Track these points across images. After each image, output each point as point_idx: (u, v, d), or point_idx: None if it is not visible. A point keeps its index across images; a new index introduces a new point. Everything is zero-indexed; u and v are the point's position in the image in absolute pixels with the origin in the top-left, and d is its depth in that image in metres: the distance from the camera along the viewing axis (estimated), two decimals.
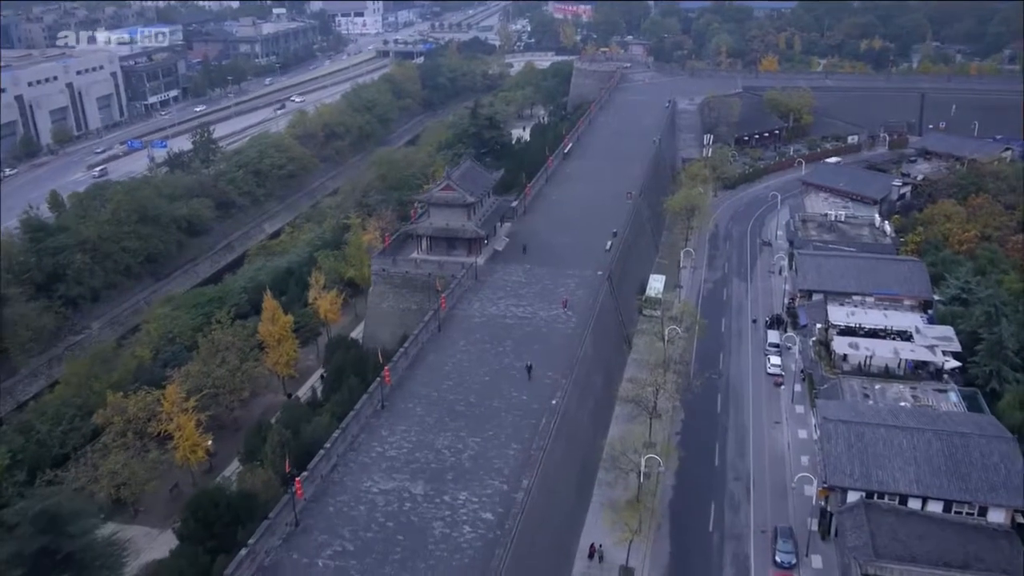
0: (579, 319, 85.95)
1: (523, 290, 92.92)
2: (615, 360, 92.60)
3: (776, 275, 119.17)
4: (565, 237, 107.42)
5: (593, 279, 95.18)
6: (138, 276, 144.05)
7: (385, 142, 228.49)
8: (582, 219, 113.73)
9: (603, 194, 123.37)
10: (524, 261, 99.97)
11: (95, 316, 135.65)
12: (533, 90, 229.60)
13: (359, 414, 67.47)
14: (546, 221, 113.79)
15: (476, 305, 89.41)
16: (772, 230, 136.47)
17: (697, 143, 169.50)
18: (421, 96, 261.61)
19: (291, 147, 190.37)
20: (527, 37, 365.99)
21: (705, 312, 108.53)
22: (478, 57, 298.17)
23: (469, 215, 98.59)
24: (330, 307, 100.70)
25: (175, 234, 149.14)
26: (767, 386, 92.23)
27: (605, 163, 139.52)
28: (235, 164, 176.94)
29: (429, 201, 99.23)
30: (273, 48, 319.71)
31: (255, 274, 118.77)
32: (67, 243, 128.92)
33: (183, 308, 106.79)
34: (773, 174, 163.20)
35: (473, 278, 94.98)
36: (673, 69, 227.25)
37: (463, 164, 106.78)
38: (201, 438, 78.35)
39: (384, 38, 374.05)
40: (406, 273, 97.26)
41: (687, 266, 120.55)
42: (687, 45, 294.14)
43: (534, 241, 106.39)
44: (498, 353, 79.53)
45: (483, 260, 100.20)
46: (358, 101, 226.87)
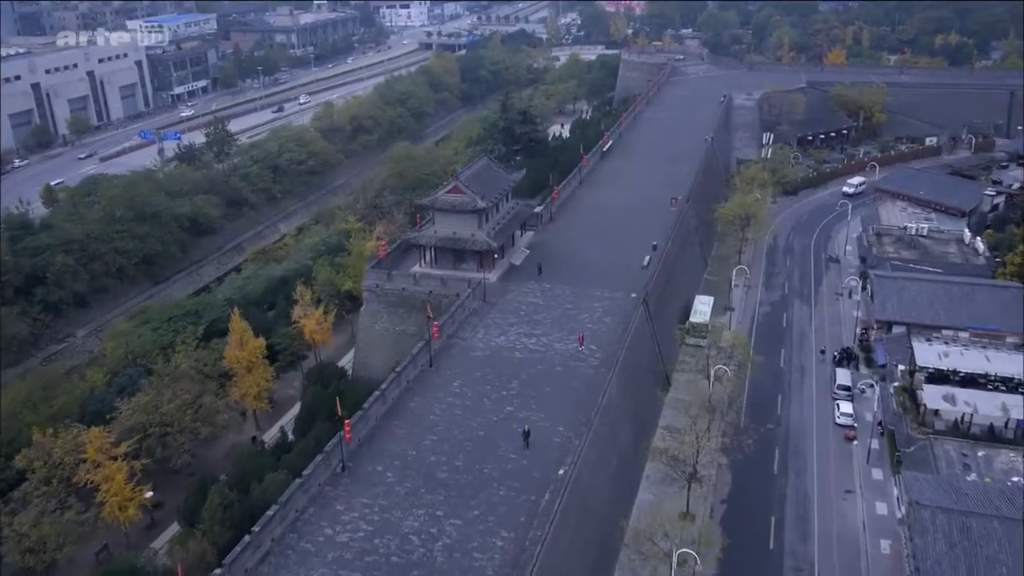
0: (604, 354, 69.94)
1: (539, 315, 77.16)
2: (648, 404, 76.28)
3: (846, 298, 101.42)
4: (595, 250, 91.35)
5: (625, 303, 79.04)
6: (132, 279, 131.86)
7: (419, 137, 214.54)
8: (617, 229, 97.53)
9: (644, 199, 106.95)
10: (544, 279, 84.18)
11: (81, 323, 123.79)
12: (576, 83, 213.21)
13: (308, 481, 52.51)
14: (575, 230, 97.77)
15: (480, 333, 73.92)
16: (840, 244, 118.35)
17: (754, 142, 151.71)
18: (460, 90, 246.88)
19: (313, 141, 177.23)
20: (576, 30, 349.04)
21: (760, 342, 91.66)
22: (523, 50, 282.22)
23: (480, 223, 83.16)
24: (317, 327, 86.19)
25: (176, 233, 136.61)
26: (836, 441, 75.03)
27: (649, 163, 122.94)
28: (251, 159, 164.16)
29: (433, 206, 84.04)
30: (310, 39, 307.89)
31: (243, 284, 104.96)
32: (48, 242, 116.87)
33: (154, 322, 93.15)
34: (841, 178, 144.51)
35: (480, 299, 79.52)
36: (730, 62, 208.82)
37: (476, 162, 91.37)
38: (135, 491, 64.27)
39: (428, 30, 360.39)
40: (403, 290, 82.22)
41: (740, 285, 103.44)
42: (746, 39, 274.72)
43: (559, 254, 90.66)
44: (499, 399, 63.96)
45: (495, 276, 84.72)
46: (391, 94, 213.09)
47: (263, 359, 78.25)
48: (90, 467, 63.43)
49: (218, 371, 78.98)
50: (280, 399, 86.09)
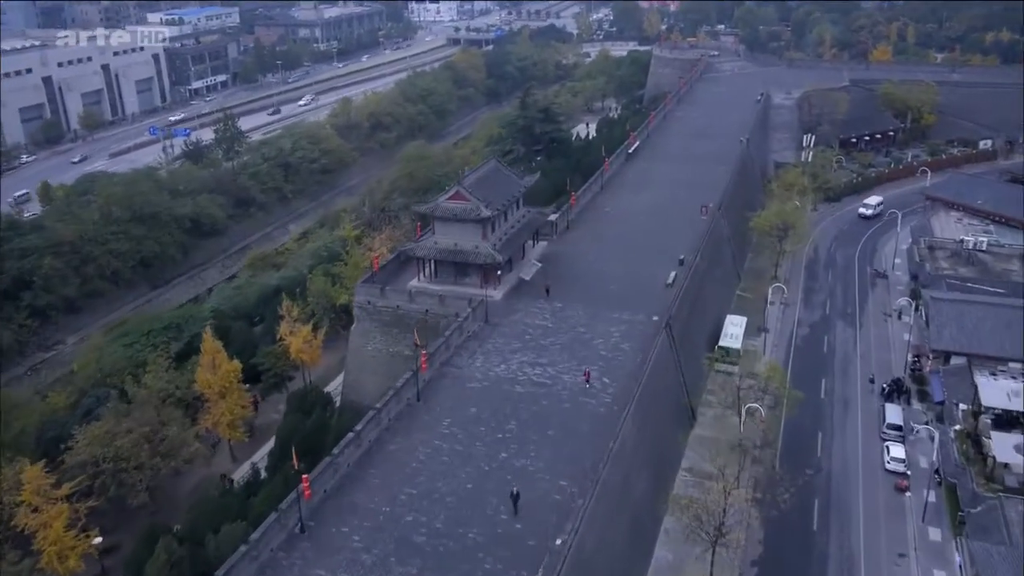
0: (619, 389, 60.82)
1: (547, 340, 68.16)
2: (669, 443, 66.96)
3: (895, 320, 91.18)
4: (615, 264, 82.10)
5: (646, 327, 69.78)
6: (129, 283, 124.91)
7: (440, 136, 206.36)
8: (640, 240, 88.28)
9: (671, 207, 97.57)
10: (554, 298, 75.12)
11: (72, 329, 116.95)
12: (605, 80, 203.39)
13: (257, 547, 44.08)
14: (593, 241, 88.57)
15: (479, 361, 65.09)
16: (888, 257, 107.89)
17: (793, 144, 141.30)
18: (485, 86, 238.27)
19: (328, 139, 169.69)
20: (608, 26, 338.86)
21: (798, 369, 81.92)
22: (551, 45, 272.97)
23: (485, 233, 74.32)
24: (305, 345, 77.93)
25: (176, 235, 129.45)
26: (886, 491, 65.21)
27: (678, 167, 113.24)
28: (261, 157, 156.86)
29: (433, 214, 75.38)
30: (334, 33, 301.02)
31: (233, 294, 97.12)
32: (36, 244, 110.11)
33: (131, 336, 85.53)
34: (887, 184, 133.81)
35: (482, 320, 70.69)
36: (767, 59, 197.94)
37: (484, 165, 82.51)
38: (79, 539, 56.41)
39: (457, 25, 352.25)
40: (397, 308, 73.65)
41: (776, 302, 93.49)
42: (785, 35, 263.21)
43: (573, 269, 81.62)
44: (494, 443, 55.11)
45: (500, 293, 75.84)
46: (412, 90, 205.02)
47: (238, 383, 69.99)
48: (26, 510, 55.63)
49: (192, 394, 71.05)
50: (262, 425, 78.12)
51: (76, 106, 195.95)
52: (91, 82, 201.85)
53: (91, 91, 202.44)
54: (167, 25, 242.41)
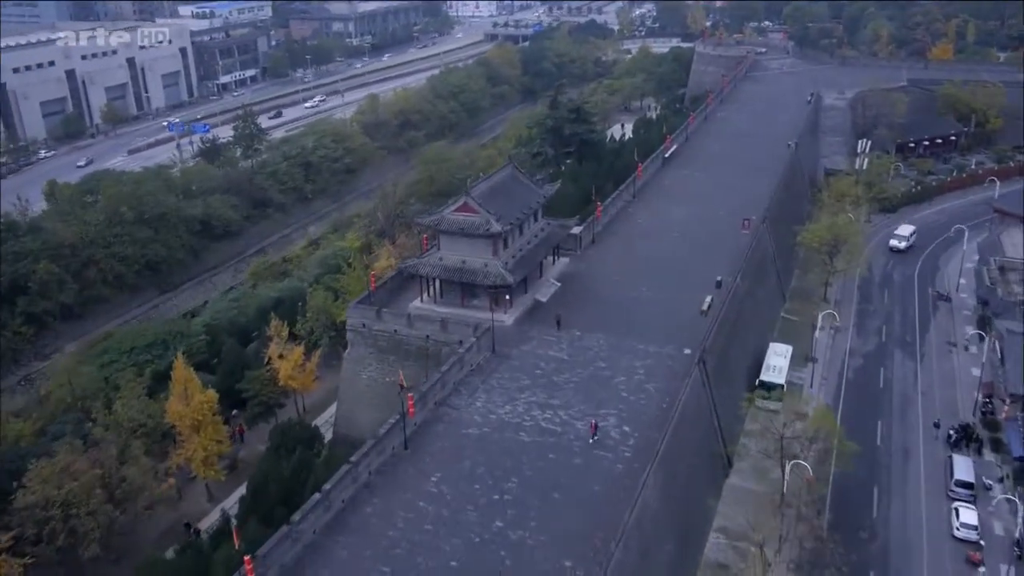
0: (641, 440, 51.99)
1: (561, 376, 59.46)
2: (699, 501, 57.90)
3: (961, 351, 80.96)
4: (643, 286, 73.02)
5: (676, 362, 60.79)
6: (134, 288, 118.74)
7: (472, 134, 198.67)
8: (673, 258, 79.10)
9: (709, 219, 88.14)
10: (573, 324, 66.36)
11: (72, 336, 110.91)
12: (644, 78, 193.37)
13: None
14: (620, 259, 79.48)
15: (480, 401, 56.61)
16: (952, 276, 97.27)
17: (846, 149, 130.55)
18: (521, 83, 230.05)
19: (352, 137, 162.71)
20: (651, 22, 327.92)
21: (851, 408, 72.22)
22: (591, 41, 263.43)
23: (495, 250, 65.82)
24: (294, 371, 70.15)
25: (185, 238, 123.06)
26: (955, 563, 55.52)
27: (718, 174, 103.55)
28: (282, 155, 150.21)
29: (438, 227, 67.06)
30: (369, 28, 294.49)
31: (228, 307, 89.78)
32: (31, 247, 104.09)
33: (111, 353, 78.50)
34: (949, 194, 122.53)
35: (488, 350, 62.20)
36: (818, 56, 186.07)
37: (498, 172, 73.85)
38: None
39: (495, 21, 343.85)
40: (394, 332, 65.50)
41: (826, 327, 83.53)
42: (837, 32, 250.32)
43: (595, 291, 72.80)
44: (489, 506, 46.60)
45: (512, 318, 67.28)
46: (443, 87, 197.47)
47: (213, 416, 62.33)
48: None
49: (167, 425, 63.67)
50: (248, 458, 70.50)
51: (99, 100, 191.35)
52: (115, 76, 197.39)
53: (115, 85, 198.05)
54: (197, 18, 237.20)
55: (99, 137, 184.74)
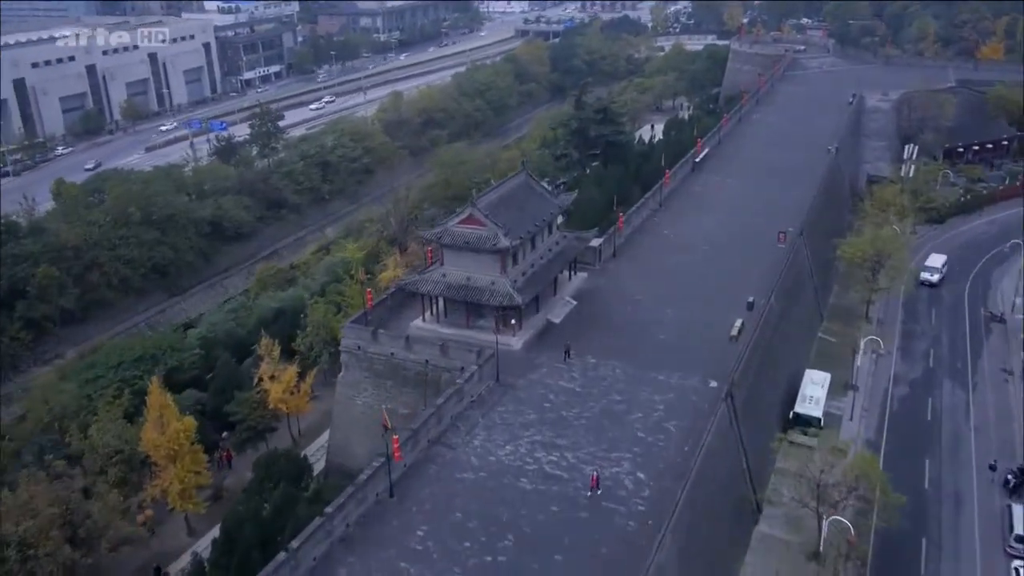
0: (657, 490, 45.85)
1: (571, 410, 53.44)
2: (724, 557, 51.56)
3: (1018, 380, 73.58)
4: (668, 307, 66.67)
5: (700, 396, 54.53)
6: (141, 291, 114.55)
7: (498, 133, 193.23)
8: (701, 274, 72.60)
9: (742, 231, 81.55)
10: (588, 350, 60.27)
11: (75, 341, 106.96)
12: (677, 77, 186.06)
13: None
14: (643, 275, 73.12)
15: (478, 439, 50.75)
16: (1006, 295, 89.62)
17: (890, 155, 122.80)
18: (550, 80, 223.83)
19: (373, 136, 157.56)
20: (686, 18, 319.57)
21: (895, 445, 65.43)
22: (623, 38, 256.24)
23: (503, 266, 59.95)
24: (285, 393, 64.84)
25: (194, 240, 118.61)
26: None
27: (753, 180, 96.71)
28: (300, 154, 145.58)
29: (440, 240, 61.29)
30: (397, 23, 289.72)
31: (225, 318, 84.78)
32: (31, 250, 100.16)
33: (98, 368, 73.74)
34: (1002, 204, 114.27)
35: (492, 378, 56.35)
36: (860, 55, 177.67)
37: (509, 179, 67.69)
38: None
39: (526, 16, 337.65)
40: (391, 355, 59.87)
41: (867, 350, 76.50)
42: (879, 30, 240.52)
43: (613, 312, 66.61)
44: (479, 569, 40.73)
45: (521, 341, 61.38)
46: (469, 84, 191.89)
47: (191, 445, 57.13)
48: None
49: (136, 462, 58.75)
50: (233, 486, 65.31)
51: (120, 96, 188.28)
52: (136, 71, 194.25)
53: (136, 80, 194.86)
54: (223, 13, 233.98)
55: (118, 134, 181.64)
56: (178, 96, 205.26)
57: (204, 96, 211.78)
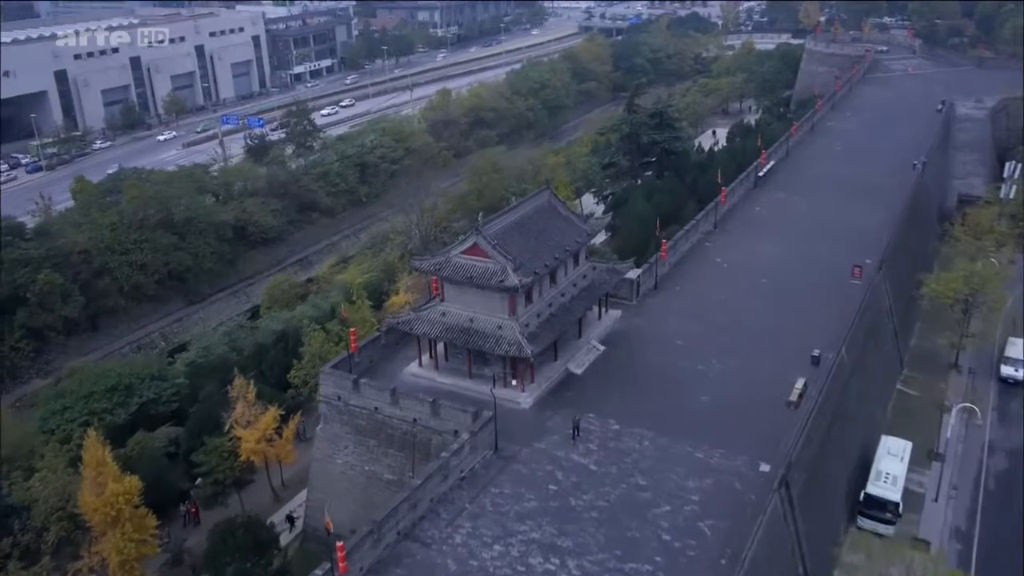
0: None
1: (581, 496, 42.87)
2: None
3: None
4: (714, 357, 55.42)
5: (747, 483, 43.43)
6: (156, 299, 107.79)
7: (553, 135, 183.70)
8: (758, 315, 61.01)
9: (809, 261, 69.70)
10: (608, 411, 49.62)
11: (82, 351, 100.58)
12: (745, 78, 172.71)
13: None
14: (687, 315, 61.82)
15: (463, 532, 40.55)
16: None
17: (985, 170, 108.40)
18: (611, 80, 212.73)
19: (416, 136, 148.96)
20: (758, 15, 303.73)
21: (990, 536, 53.12)
22: (691, 36, 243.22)
23: (513, 307, 49.68)
24: (261, 442, 55.64)
25: (215, 245, 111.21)
26: None
27: (823, 199, 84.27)
28: (338, 154, 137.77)
29: (439, 273, 51.31)
30: (456, 18, 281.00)
31: (219, 341, 76.15)
32: (34, 254, 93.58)
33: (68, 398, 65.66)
34: None
35: (489, 448, 46.14)
36: (951, 57, 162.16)
37: (529, 200, 57.06)
38: None
39: (590, 12, 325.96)
40: (375, 411, 50.16)
41: (956, 410, 63.88)
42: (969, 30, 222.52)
43: (649, 362, 55.63)
44: None
45: (532, 398, 51.02)
46: (523, 83, 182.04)
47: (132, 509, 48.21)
48: None
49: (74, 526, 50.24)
50: (196, 547, 56.35)
51: (165, 89, 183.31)
52: (182, 64, 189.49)
53: (182, 74, 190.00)
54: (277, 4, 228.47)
55: (159, 128, 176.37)
56: (225, 90, 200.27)
57: (251, 91, 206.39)
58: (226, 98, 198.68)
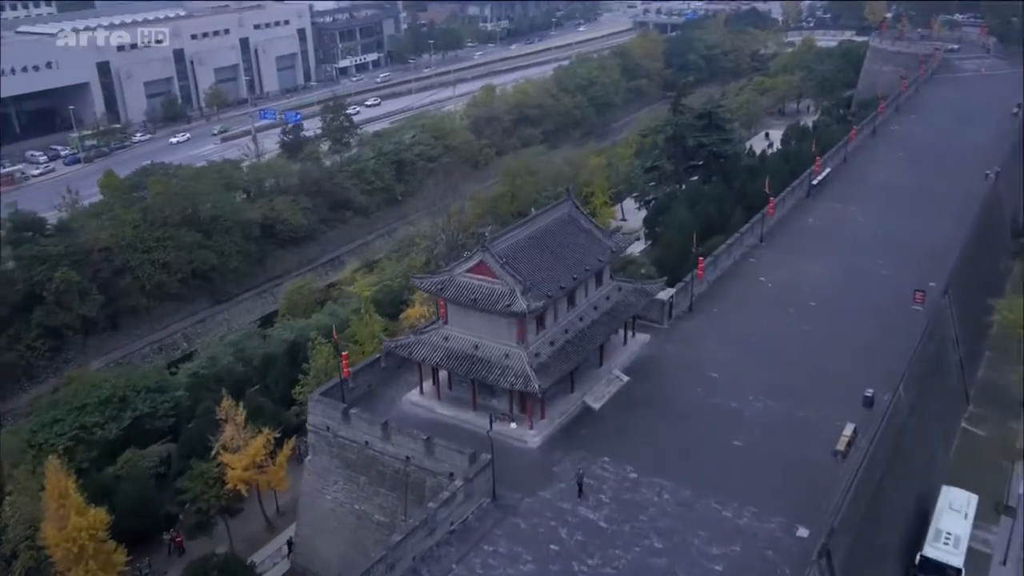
0: None
1: (586, 562, 37.10)
2: None
3: None
4: (751, 393, 49.08)
5: (783, 549, 37.32)
6: (180, 298, 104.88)
7: (601, 133, 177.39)
8: (804, 345, 54.45)
9: (865, 283, 62.70)
10: (625, 455, 43.83)
11: (103, 350, 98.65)
12: (803, 76, 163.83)
13: None
14: (722, 342, 55.39)
15: None
16: None
17: None
18: (663, 77, 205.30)
19: (457, 133, 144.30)
20: (821, 12, 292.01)
21: None
22: (749, 32, 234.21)
23: (521, 334, 44.18)
24: (250, 470, 51.01)
25: (241, 243, 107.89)
26: None
27: (883, 212, 76.82)
28: (376, 150, 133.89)
29: (441, 294, 46.05)
30: (507, 12, 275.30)
31: (224, 351, 71.93)
32: (52, 251, 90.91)
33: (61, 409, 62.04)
34: None
35: (487, 495, 40.72)
36: None
37: (545, 213, 51.27)
38: None
39: (646, 7, 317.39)
40: (365, 445, 45.12)
41: None
42: None
43: (676, 397, 49.49)
44: None
45: (540, 436, 45.45)
46: (570, 79, 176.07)
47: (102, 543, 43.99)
48: None
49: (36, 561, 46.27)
50: None
51: (208, 82, 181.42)
52: (226, 57, 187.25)
53: (226, 67, 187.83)
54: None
55: (200, 121, 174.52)
56: (269, 84, 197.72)
57: (296, 84, 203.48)
58: (269, 91, 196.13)
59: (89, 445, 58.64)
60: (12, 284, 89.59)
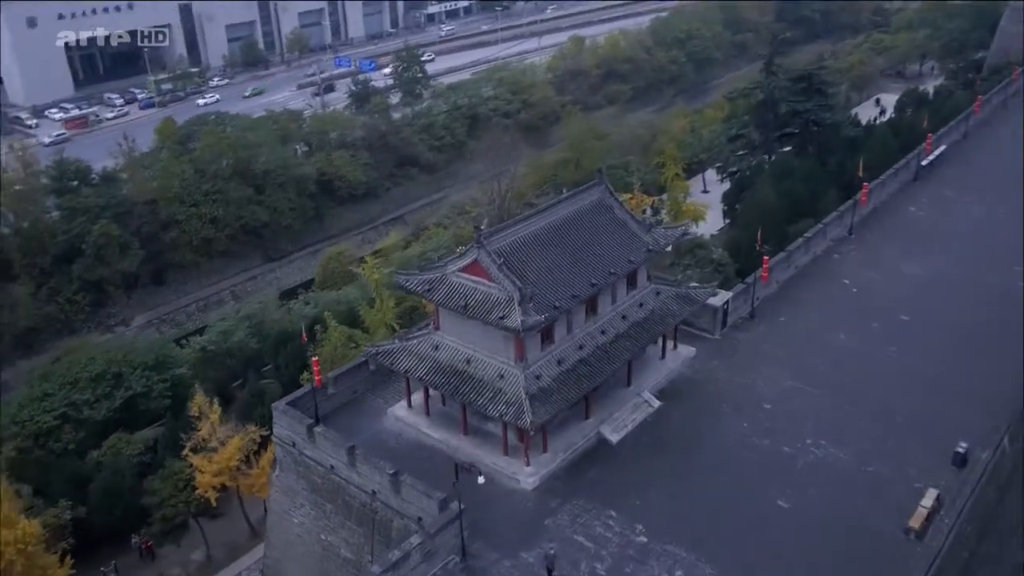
0: None
1: None
2: None
3: None
4: (808, 437, 39.56)
5: None
6: (229, 254, 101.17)
7: (699, 91, 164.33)
8: (884, 373, 44.12)
9: (975, 294, 51.42)
10: (636, 512, 35.40)
11: (148, 306, 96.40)
12: (928, 35, 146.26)
13: None
14: (783, 361, 45.38)
15: None
16: None
17: None
18: (771, 31, 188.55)
19: (537, 88, 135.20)
20: None
21: None
22: None
23: (520, 350, 36.02)
24: (222, 475, 45.02)
25: (295, 200, 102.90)
26: None
27: (1005, 203, 63.81)
28: (449, 104, 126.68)
29: (431, 298, 38.22)
30: None
31: (236, 325, 65.98)
32: (91, 203, 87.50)
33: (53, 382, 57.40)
34: None
35: (456, 553, 33.07)
36: None
37: (572, 197, 42.21)
38: None
39: None
40: (331, 469, 38.16)
41: None
42: None
43: (716, 434, 40.39)
44: None
45: (538, 474, 37.33)
46: (667, 32, 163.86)
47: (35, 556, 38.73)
48: None
49: None
50: None
51: (292, 26, 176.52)
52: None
53: (311, 11, 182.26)
54: None
55: (280, 67, 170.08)
56: (354, 29, 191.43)
57: (382, 30, 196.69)
58: (354, 37, 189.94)
59: (77, 425, 53.96)
60: (53, 235, 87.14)
